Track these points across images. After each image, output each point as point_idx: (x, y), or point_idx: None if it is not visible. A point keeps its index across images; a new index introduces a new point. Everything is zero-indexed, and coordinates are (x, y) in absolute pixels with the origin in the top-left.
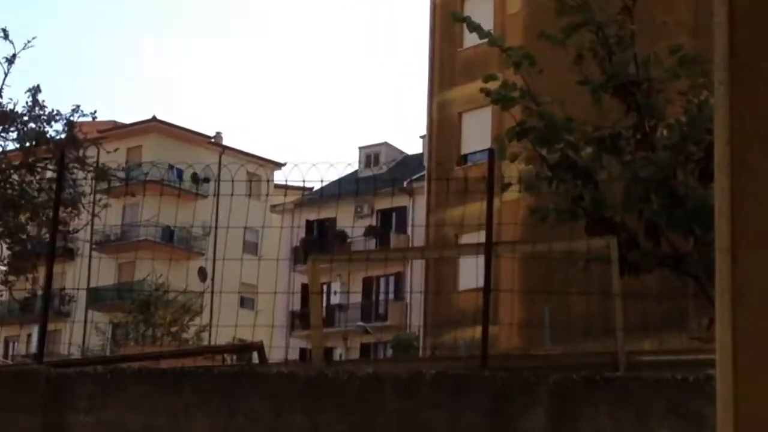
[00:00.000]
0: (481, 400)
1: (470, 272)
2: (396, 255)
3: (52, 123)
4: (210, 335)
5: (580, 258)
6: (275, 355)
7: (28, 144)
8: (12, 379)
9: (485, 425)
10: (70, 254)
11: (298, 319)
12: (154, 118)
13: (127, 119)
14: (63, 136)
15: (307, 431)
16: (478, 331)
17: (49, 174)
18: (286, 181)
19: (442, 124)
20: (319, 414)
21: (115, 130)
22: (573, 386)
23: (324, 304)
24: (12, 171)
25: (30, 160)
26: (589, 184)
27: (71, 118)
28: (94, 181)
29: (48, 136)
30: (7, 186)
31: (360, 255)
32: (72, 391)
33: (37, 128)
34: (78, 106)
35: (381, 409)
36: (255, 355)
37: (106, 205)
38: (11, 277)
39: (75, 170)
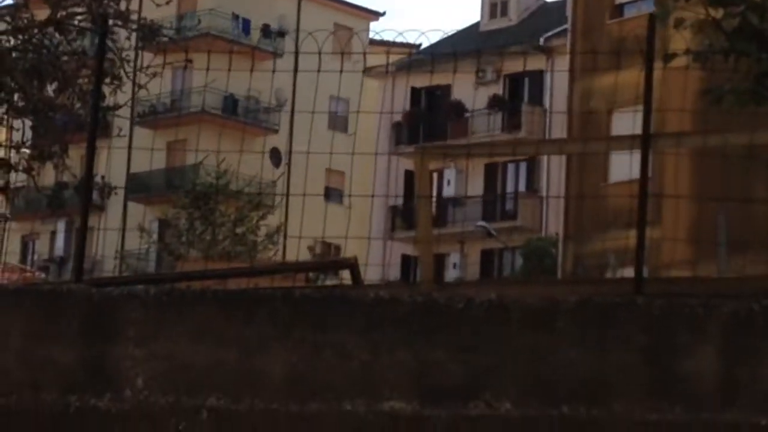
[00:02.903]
0: (634, 335)
1: (626, 159)
2: (526, 150)
3: None
4: (285, 238)
5: (765, 152)
6: (372, 262)
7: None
8: (44, 301)
9: (639, 367)
10: (104, 129)
11: (400, 217)
12: None
13: None
14: None
15: (411, 372)
16: (635, 237)
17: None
18: (399, 37)
19: None
20: (428, 350)
21: None
22: (752, 318)
23: (434, 198)
24: (36, 30)
25: (58, 15)
26: None
27: None
28: (138, 48)
29: None
30: (30, 49)
31: (481, 149)
32: (119, 316)
33: None
34: None
35: (506, 345)
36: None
37: (155, 74)
38: (36, 163)
39: (116, 29)
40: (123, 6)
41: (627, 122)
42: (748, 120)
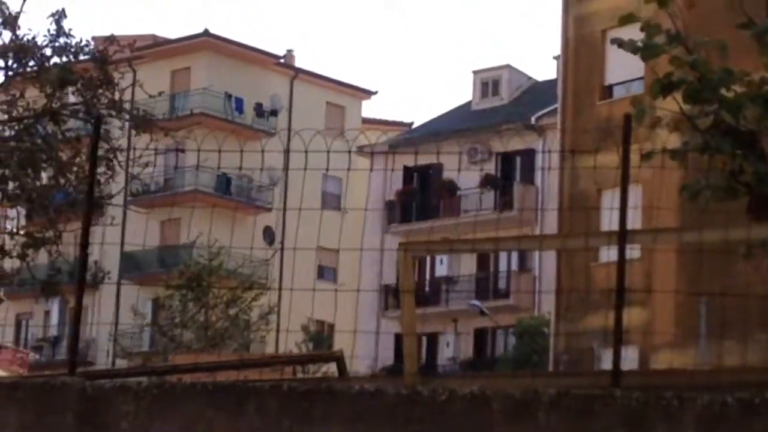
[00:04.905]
0: (612, 427)
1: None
2: (508, 245)
3: (80, 55)
4: (279, 316)
5: (740, 245)
6: (363, 343)
7: (50, 89)
8: (38, 393)
9: None
10: (98, 207)
11: (393, 296)
12: (206, 33)
13: (173, 35)
14: (94, 73)
15: None
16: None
17: (77, 122)
18: (410, 121)
19: (581, 45)
20: None
21: (156, 47)
22: (726, 411)
23: (428, 277)
24: (32, 120)
25: (54, 106)
26: (752, 155)
27: (104, 51)
28: (131, 136)
29: (75, 75)
30: (26, 138)
31: (464, 245)
32: (111, 408)
33: (62, 63)
34: (112, 35)
35: None
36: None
37: (147, 165)
38: (30, 250)
39: (110, 118)
40: (117, 96)
41: (617, 202)
42: (735, 216)
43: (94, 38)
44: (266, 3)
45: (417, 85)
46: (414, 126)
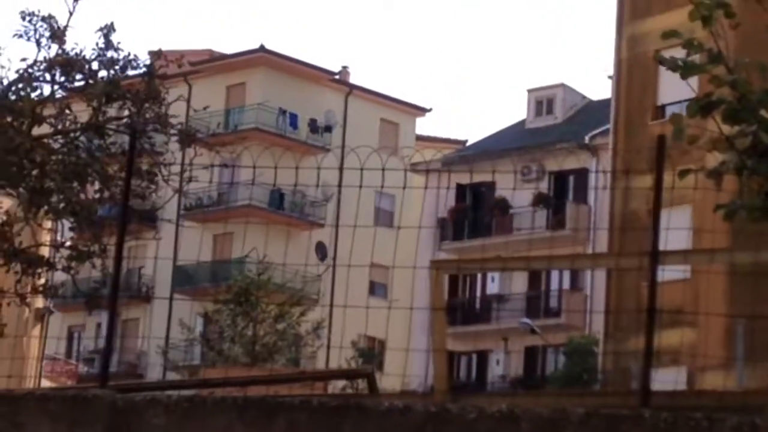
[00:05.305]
0: None
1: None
2: (539, 265)
3: (128, 70)
4: (329, 332)
5: None
6: (415, 360)
7: (96, 103)
8: (70, 405)
9: None
10: (150, 220)
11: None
12: (261, 48)
13: (229, 50)
14: (141, 88)
15: None
16: (671, 336)
17: (124, 136)
18: (464, 139)
19: (634, 65)
20: None
21: (212, 62)
22: None
23: (479, 294)
24: (78, 133)
25: (99, 120)
26: None
27: (151, 65)
28: (182, 149)
29: (121, 89)
30: (71, 151)
31: (494, 264)
32: (141, 421)
33: (109, 77)
34: (159, 50)
35: None
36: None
37: (191, 179)
38: (74, 263)
39: (155, 132)
40: (163, 110)
41: (666, 223)
42: None
43: (150, 53)
44: (322, 19)
45: (471, 102)
46: (468, 144)
